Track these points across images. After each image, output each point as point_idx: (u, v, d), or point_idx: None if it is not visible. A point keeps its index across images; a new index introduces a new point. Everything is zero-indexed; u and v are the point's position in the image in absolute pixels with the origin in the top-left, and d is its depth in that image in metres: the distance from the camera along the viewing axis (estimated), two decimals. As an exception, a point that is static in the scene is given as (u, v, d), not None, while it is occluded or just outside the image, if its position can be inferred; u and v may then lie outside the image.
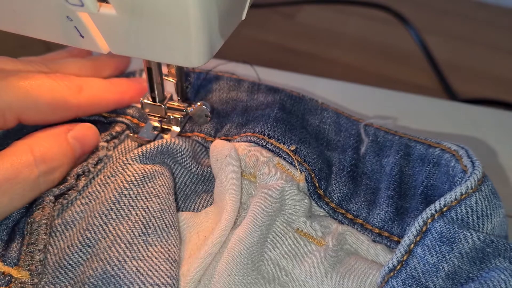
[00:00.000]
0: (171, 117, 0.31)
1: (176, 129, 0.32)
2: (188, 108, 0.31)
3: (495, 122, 0.38)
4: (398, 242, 0.26)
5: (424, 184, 0.27)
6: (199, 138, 0.31)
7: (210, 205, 0.29)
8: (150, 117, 0.32)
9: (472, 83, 0.51)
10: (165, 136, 0.31)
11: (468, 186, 0.23)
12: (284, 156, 0.28)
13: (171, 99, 0.31)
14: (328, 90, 0.40)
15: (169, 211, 0.26)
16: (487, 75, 0.53)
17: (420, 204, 0.27)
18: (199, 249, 0.25)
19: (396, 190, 0.28)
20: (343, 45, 0.57)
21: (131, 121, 0.32)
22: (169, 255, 0.24)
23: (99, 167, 0.29)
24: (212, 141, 0.30)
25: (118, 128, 0.31)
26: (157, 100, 0.30)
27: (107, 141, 0.30)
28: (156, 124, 0.32)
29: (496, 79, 0.53)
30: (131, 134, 0.31)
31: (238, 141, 0.29)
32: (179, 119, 0.31)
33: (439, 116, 0.39)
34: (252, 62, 0.42)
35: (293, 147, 0.28)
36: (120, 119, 0.32)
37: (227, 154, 0.27)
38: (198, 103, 0.30)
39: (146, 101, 0.31)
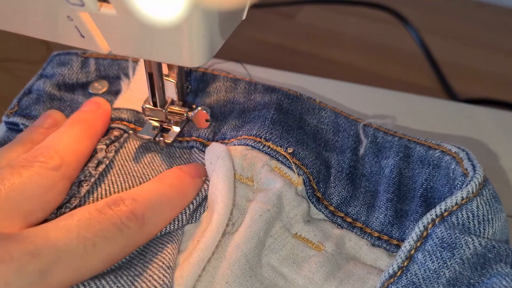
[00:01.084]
0: (172, 121, 0.31)
1: (176, 129, 0.31)
2: (189, 113, 0.31)
3: (495, 122, 0.38)
4: (397, 246, 0.26)
5: (423, 186, 0.27)
6: (198, 143, 0.31)
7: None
8: (151, 121, 0.32)
9: (472, 83, 0.51)
10: (165, 135, 0.31)
11: (469, 191, 0.23)
12: (282, 159, 0.27)
13: (172, 103, 0.31)
14: (328, 90, 0.40)
15: (177, 235, 0.26)
16: (487, 75, 0.53)
17: (419, 207, 0.26)
18: (191, 253, 0.25)
19: (395, 193, 0.27)
20: (343, 45, 0.57)
21: (127, 127, 0.32)
22: (163, 263, 0.24)
23: (100, 169, 0.28)
24: None
25: (116, 133, 0.31)
26: (158, 105, 0.30)
27: (107, 145, 0.30)
28: (156, 124, 0.32)
29: (496, 79, 0.53)
30: (131, 132, 0.31)
31: (234, 144, 0.28)
32: (180, 121, 0.31)
33: (439, 116, 0.39)
34: (252, 62, 0.42)
35: (290, 150, 0.28)
36: (115, 125, 0.31)
37: (218, 156, 0.27)
38: (199, 108, 0.30)
39: (147, 105, 0.31)
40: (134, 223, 0.23)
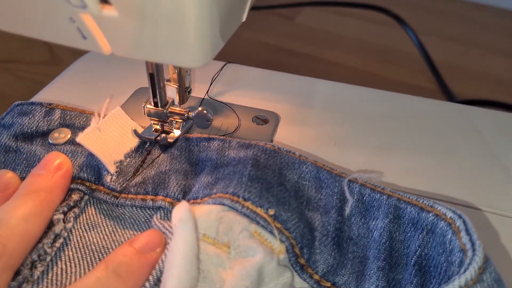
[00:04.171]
0: (174, 122, 0.32)
1: (177, 132, 0.32)
2: (189, 113, 0.31)
3: (492, 123, 0.39)
4: None
5: (417, 253, 0.24)
6: (166, 203, 0.28)
7: None
8: (152, 121, 0.32)
9: (470, 84, 0.52)
10: (167, 135, 0.31)
11: (467, 278, 0.20)
12: (262, 223, 0.24)
13: (173, 104, 0.31)
14: (327, 91, 0.41)
15: None
16: (484, 76, 0.54)
17: (414, 276, 0.24)
18: None
19: (386, 261, 0.25)
20: (342, 46, 0.58)
21: (88, 188, 0.29)
22: None
23: (57, 244, 0.25)
24: None
25: (75, 196, 0.28)
26: (159, 105, 0.31)
27: (64, 213, 0.26)
28: (158, 127, 0.32)
29: (493, 80, 0.53)
30: (133, 128, 0.31)
31: (209, 203, 0.26)
32: (181, 123, 0.32)
33: (437, 117, 0.39)
34: (251, 63, 0.43)
35: (271, 212, 0.25)
36: (74, 185, 0.28)
37: (180, 218, 0.24)
38: (199, 108, 0.30)
39: (148, 106, 0.31)
40: None
